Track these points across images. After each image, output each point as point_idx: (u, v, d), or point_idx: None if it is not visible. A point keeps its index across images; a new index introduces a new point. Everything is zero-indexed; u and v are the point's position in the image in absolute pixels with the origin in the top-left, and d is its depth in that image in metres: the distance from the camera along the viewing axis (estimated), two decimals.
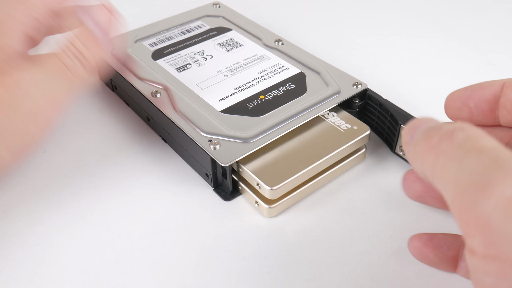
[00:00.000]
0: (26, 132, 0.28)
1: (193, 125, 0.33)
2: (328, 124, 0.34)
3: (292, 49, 0.41)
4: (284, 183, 0.30)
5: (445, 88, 0.43)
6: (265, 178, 0.30)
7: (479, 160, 0.18)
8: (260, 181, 0.30)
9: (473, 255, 0.18)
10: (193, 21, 0.45)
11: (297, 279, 0.28)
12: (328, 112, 0.35)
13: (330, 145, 0.32)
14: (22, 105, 0.27)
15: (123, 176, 0.34)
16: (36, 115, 0.28)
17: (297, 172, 0.31)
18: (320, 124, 0.34)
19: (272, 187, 0.30)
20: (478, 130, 0.19)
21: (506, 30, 0.51)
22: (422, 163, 0.20)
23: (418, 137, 0.21)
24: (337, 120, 0.34)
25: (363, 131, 0.33)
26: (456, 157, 0.18)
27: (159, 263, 0.29)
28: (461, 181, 0.18)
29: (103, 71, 0.30)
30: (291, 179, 0.30)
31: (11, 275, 0.28)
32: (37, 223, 0.31)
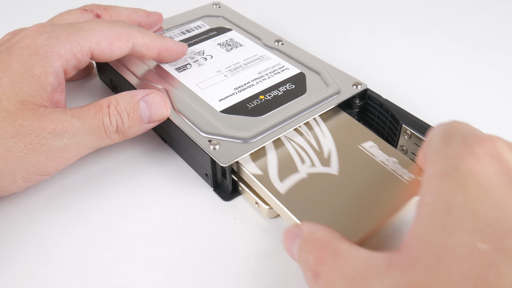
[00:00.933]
0: (45, 167, 0.29)
1: (192, 125, 0.33)
2: (390, 174, 0.30)
3: (292, 49, 0.41)
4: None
5: (445, 88, 0.43)
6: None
7: None
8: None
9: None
10: (193, 21, 0.45)
11: (297, 279, 0.28)
12: (387, 158, 0.31)
13: (394, 200, 0.28)
14: (53, 144, 0.29)
15: (123, 177, 0.34)
16: (61, 157, 0.29)
17: (361, 235, 0.27)
18: (382, 173, 0.30)
19: None
20: None
21: (506, 30, 0.51)
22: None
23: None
24: (398, 168, 0.30)
25: None
26: None
27: (159, 263, 0.29)
28: None
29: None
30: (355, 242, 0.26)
31: (11, 275, 0.28)
32: (37, 223, 0.31)
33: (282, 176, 0.30)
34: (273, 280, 0.28)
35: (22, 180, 0.29)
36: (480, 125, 0.38)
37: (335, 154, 0.32)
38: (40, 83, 0.30)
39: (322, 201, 0.29)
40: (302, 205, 0.28)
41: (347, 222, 0.27)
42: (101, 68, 0.42)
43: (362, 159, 0.31)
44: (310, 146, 0.32)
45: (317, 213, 0.28)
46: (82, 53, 0.32)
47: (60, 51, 0.31)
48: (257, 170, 0.31)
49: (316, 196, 0.29)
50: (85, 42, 0.32)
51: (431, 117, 0.39)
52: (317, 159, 0.31)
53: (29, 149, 0.28)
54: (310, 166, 0.31)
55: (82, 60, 0.33)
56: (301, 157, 0.32)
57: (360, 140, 0.33)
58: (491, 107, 0.41)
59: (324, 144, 0.33)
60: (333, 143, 0.33)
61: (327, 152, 0.32)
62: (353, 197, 0.29)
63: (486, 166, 0.20)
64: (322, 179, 0.30)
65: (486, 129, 0.38)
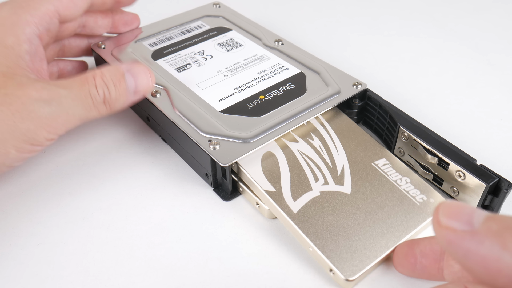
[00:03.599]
0: (35, 136, 0.29)
1: (193, 125, 0.33)
2: (402, 194, 0.30)
3: (292, 49, 0.41)
4: (361, 272, 0.26)
5: (445, 88, 0.43)
6: (341, 264, 0.26)
7: None
8: (334, 267, 0.26)
9: None
10: (193, 21, 0.45)
11: (297, 279, 0.28)
12: (400, 178, 0.31)
13: (407, 222, 0.29)
14: (40, 110, 0.28)
15: (123, 176, 0.34)
16: (49, 125, 0.29)
17: (375, 258, 0.27)
18: (394, 193, 0.30)
19: (349, 278, 0.26)
20: None
21: (506, 30, 0.51)
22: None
23: (495, 225, 0.17)
24: (411, 189, 0.30)
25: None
26: None
27: (159, 263, 0.29)
28: None
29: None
30: (369, 266, 0.27)
31: (11, 275, 0.28)
32: (37, 223, 0.31)
33: (295, 194, 0.30)
34: (273, 280, 0.28)
35: (14, 150, 0.28)
36: (480, 125, 0.39)
37: (348, 172, 0.31)
38: (16, 52, 0.30)
39: (334, 222, 0.29)
40: (315, 226, 0.28)
41: (359, 246, 0.27)
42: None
43: (375, 178, 0.31)
44: (323, 162, 0.32)
45: (330, 235, 0.28)
46: (48, 14, 0.33)
47: (26, 17, 0.32)
48: (270, 187, 0.30)
49: (329, 216, 0.29)
50: (47, 3, 0.33)
51: (431, 117, 0.39)
52: (330, 176, 0.31)
53: (17, 117, 0.28)
54: (323, 184, 0.31)
55: (51, 21, 0.33)
56: (315, 174, 0.31)
57: (374, 157, 0.33)
58: (491, 107, 0.41)
59: (338, 160, 0.32)
60: (346, 159, 0.32)
61: (340, 169, 0.32)
62: (366, 219, 0.29)
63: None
64: (335, 198, 0.30)
65: (486, 129, 0.38)
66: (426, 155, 0.32)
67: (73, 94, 0.30)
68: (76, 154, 0.36)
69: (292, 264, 0.29)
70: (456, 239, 0.18)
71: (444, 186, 0.32)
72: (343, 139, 0.34)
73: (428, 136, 0.32)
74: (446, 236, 0.18)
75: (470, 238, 0.17)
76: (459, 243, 0.17)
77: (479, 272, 0.17)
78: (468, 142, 0.37)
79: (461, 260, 0.18)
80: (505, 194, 0.29)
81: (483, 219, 0.18)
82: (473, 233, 0.17)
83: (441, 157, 0.31)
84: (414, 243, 0.27)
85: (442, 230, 0.18)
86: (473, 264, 0.17)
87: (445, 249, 0.18)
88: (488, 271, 0.17)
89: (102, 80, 0.30)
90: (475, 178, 0.30)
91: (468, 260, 0.17)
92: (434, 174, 0.33)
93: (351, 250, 0.27)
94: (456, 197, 0.32)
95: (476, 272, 0.17)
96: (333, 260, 0.27)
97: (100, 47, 0.41)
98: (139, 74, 0.32)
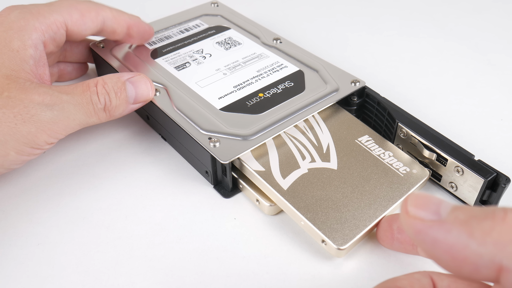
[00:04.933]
0: (36, 139, 0.29)
1: (192, 123, 0.33)
2: (386, 167, 0.31)
3: (290, 47, 0.41)
4: (352, 241, 0.27)
5: (445, 88, 0.43)
6: (332, 234, 0.27)
7: None
8: (326, 238, 0.27)
9: None
10: (191, 20, 0.45)
11: (297, 279, 0.28)
12: (383, 152, 0.32)
13: (392, 192, 0.30)
14: (42, 114, 0.29)
15: (123, 176, 0.34)
16: (50, 129, 0.29)
17: (365, 227, 0.28)
18: (378, 166, 0.31)
19: (340, 246, 0.27)
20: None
21: (506, 30, 0.51)
22: (500, 248, 0.17)
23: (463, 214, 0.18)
24: (394, 162, 0.32)
25: (423, 176, 0.31)
26: None
27: (159, 263, 0.29)
28: None
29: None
30: (359, 235, 0.27)
31: (11, 275, 0.28)
32: (37, 223, 0.31)
33: (284, 172, 0.31)
34: (273, 280, 0.28)
35: (14, 152, 0.29)
36: (480, 125, 0.39)
37: (334, 149, 0.33)
38: (21, 56, 0.31)
39: (324, 196, 0.30)
40: (305, 200, 0.29)
41: (348, 216, 0.28)
42: (100, 69, 0.42)
43: (360, 153, 0.32)
44: (309, 142, 0.33)
45: (320, 208, 0.29)
46: (56, 25, 0.33)
47: (34, 23, 0.32)
48: (260, 167, 0.31)
49: (318, 191, 0.30)
50: (57, 14, 0.33)
51: (431, 117, 0.39)
52: (317, 154, 0.32)
53: (19, 119, 0.28)
54: (310, 161, 0.32)
55: (58, 32, 0.34)
56: (302, 153, 0.32)
57: (357, 134, 0.34)
58: (491, 107, 0.41)
59: (323, 139, 0.33)
60: (331, 138, 0.33)
61: (326, 147, 0.33)
62: (353, 191, 0.30)
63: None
64: (322, 174, 0.31)
65: (486, 129, 0.38)
66: (424, 151, 0.32)
67: (75, 100, 0.30)
68: (76, 154, 0.36)
69: (292, 264, 0.29)
70: (424, 228, 0.18)
71: (443, 182, 0.33)
72: (326, 120, 0.35)
73: (426, 133, 0.32)
74: (414, 226, 0.18)
75: (438, 227, 0.18)
76: (427, 232, 0.18)
77: (446, 261, 0.17)
78: (468, 141, 0.37)
79: (428, 250, 0.18)
80: (503, 189, 0.29)
81: (450, 209, 0.18)
82: (440, 223, 0.18)
83: (440, 153, 0.31)
84: (392, 219, 0.28)
85: (410, 220, 0.18)
86: (440, 253, 0.18)
87: (413, 239, 0.18)
88: (454, 259, 0.17)
89: (104, 88, 0.31)
90: (473, 173, 0.30)
91: (435, 249, 0.18)
92: (432, 170, 0.33)
93: (341, 221, 0.28)
94: (455, 192, 0.32)
95: (443, 261, 0.18)
96: (324, 231, 0.28)
97: (99, 47, 0.40)
98: (140, 84, 0.33)
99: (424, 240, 0.18)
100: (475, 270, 0.17)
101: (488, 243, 0.16)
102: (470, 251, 0.17)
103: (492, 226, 0.17)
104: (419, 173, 0.31)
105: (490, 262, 0.16)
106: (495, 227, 0.17)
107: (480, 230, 0.17)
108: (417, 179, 0.31)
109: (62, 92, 0.30)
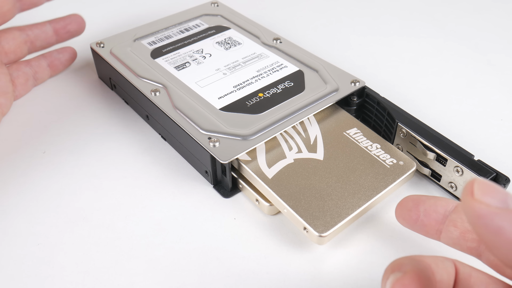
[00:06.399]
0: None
1: (192, 123, 0.33)
2: (373, 158, 0.32)
3: (290, 47, 0.41)
4: (334, 228, 0.28)
5: (445, 88, 0.43)
6: (314, 221, 0.28)
7: None
8: (307, 225, 0.28)
9: None
10: (191, 20, 0.45)
11: (297, 279, 0.28)
12: (371, 144, 0.33)
13: (377, 183, 0.30)
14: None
15: (122, 176, 0.34)
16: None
17: (347, 215, 0.28)
18: (365, 158, 0.32)
19: (321, 234, 0.27)
20: None
21: (506, 30, 0.51)
22: None
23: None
24: (381, 154, 0.32)
25: (410, 167, 0.31)
26: None
27: (159, 263, 0.29)
28: None
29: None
30: (341, 223, 0.28)
31: (11, 275, 0.28)
32: (37, 223, 0.31)
33: (270, 162, 0.31)
34: (273, 280, 0.28)
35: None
36: (480, 125, 0.39)
37: (321, 141, 0.33)
38: None
39: (308, 185, 0.30)
40: (288, 189, 0.30)
41: (331, 205, 0.29)
42: (100, 67, 0.42)
43: (347, 145, 0.33)
44: (297, 133, 0.34)
45: (303, 196, 0.29)
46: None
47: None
48: (246, 157, 0.32)
49: (302, 180, 0.30)
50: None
51: (431, 117, 0.39)
52: (304, 145, 0.33)
53: None
54: (296, 152, 0.32)
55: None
56: (289, 144, 0.33)
57: (345, 127, 0.34)
58: (491, 107, 0.41)
59: (311, 131, 0.34)
60: (319, 130, 0.34)
61: (313, 139, 0.33)
62: (338, 181, 0.30)
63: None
64: (308, 164, 0.31)
65: (486, 129, 0.38)
66: (424, 151, 0.32)
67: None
68: (76, 154, 0.36)
69: (292, 264, 0.29)
70: (489, 214, 0.17)
71: (442, 182, 0.33)
72: (315, 113, 0.35)
73: (426, 133, 0.32)
74: (478, 210, 0.17)
75: (504, 215, 0.17)
76: (491, 219, 0.17)
77: (505, 250, 0.17)
78: (468, 142, 0.37)
79: (489, 236, 0.17)
80: None
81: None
82: (508, 211, 0.17)
83: (439, 153, 0.31)
84: (420, 200, 0.27)
85: (474, 203, 0.17)
86: (501, 242, 0.17)
87: (472, 224, 0.18)
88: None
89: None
90: (473, 174, 0.30)
91: (497, 237, 0.17)
92: (432, 170, 0.33)
93: (324, 209, 0.29)
94: (455, 192, 0.32)
95: (500, 250, 0.17)
96: (306, 219, 0.28)
97: (99, 46, 0.40)
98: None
99: (486, 225, 0.17)
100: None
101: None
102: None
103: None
104: (406, 164, 0.32)
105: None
106: None
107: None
108: (403, 170, 0.31)
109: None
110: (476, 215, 0.17)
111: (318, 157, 0.32)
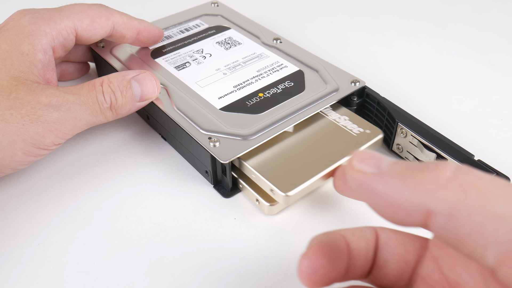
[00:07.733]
0: (43, 140, 0.30)
1: (192, 123, 0.33)
2: (340, 128, 0.33)
3: (290, 47, 0.41)
4: (298, 189, 0.29)
5: (445, 88, 0.43)
6: (279, 183, 0.29)
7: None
8: (273, 186, 0.29)
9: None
10: (191, 20, 0.45)
11: (297, 279, 0.28)
12: (339, 116, 0.34)
13: (343, 149, 0.32)
14: (49, 115, 0.29)
15: (123, 176, 0.34)
16: (57, 129, 0.30)
17: (311, 177, 0.30)
18: (332, 128, 0.34)
19: (286, 193, 0.29)
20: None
21: (506, 30, 0.51)
22: (429, 194, 0.18)
23: (400, 167, 0.19)
24: (349, 124, 0.34)
25: (376, 135, 0.33)
26: (501, 193, 0.17)
27: (159, 263, 0.29)
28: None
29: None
30: (306, 184, 0.29)
31: (11, 275, 0.28)
32: (37, 223, 0.31)
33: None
34: (273, 280, 0.28)
35: (21, 152, 0.29)
36: (480, 125, 0.39)
37: None
38: (30, 59, 0.31)
39: (275, 153, 0.32)
40: (257, 157, 0.31)
41: (297, 168, 0.31)
42: (101, 68, 0.42)
43: (317, 118, 0.34)
44: None
45: (271, 162, 0.31)
46: (67, 30, 0.34)
47: (45, 29, 0.33)
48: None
49: (271, 150, 0.32)
50: (68, 20, 0.34)
51: (431, 117, 0.39)
52: None
53: (26, 120, 0.29)
54: None
55: (68, 38, 0.34)
56: None
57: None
58: (491, 107, 0.41)
59: None
60: None
61: None
62: (305, 149, 0.32)
63: None
64: (278, 136, 0.33)
65: (486, 129, 0.38)
66: (424, 151, 0.32)
67: (81, 100, 0.30)
68: (76, 155, 0.36)
69: (292, 264, 0.29)
70: (365, 180, 0.19)
71: None
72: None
73: (426, 132, 0.32)
74: (357, 178, 0.20)
75: (377, 178, 0.19)
76: (368, 184, 0.19)
77: (382, 208, 0.19)
78: (468, 142, 0.37)
79: (368, 199, 0.20)
80: None
81: (390, 163, 0.20)
82: (379, 174, 0.19)
83: (439, 153, 0.31)
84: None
85: (354, 173, 0.20)
86: (377, 201, 0.19)
87: (356, 190, 0.20)
88: (390, 206, 0.19)
89: (109, 87, 0.32)
90: None
91: (374, 198, 0.19)
92: None
93: (289, 172, 0.30)
94: None
95: (380, 209, 0.19)
96: (272, 180, 0.30)
97: (99, 46, 0.40)
98: (145, 81, 0.33)
99: (365, 190, 0.19)
100: (407, 216, 0.18)
101: (419, 190, 0.18)
102: (404, 198, 0.18)
103: (423, 176, 0.18)
104: (372, 132, 0.33)
105: (420, 208, 0.18)
106: (425, 177, 0.18)
107: (413, 180, 0.18)
108: (369, 137, 0.33)
109: (68, 92, 0.30)
110: (357, 183, 0.20)
111: (288, 130, 0.33)
